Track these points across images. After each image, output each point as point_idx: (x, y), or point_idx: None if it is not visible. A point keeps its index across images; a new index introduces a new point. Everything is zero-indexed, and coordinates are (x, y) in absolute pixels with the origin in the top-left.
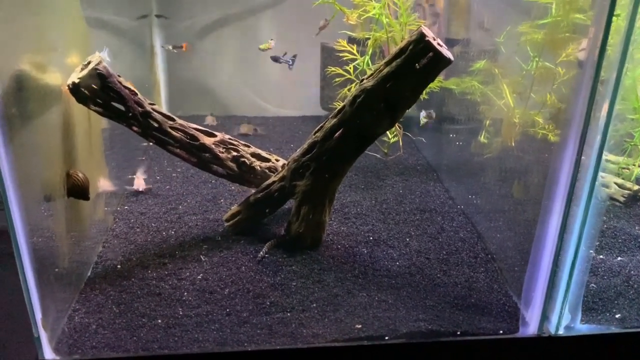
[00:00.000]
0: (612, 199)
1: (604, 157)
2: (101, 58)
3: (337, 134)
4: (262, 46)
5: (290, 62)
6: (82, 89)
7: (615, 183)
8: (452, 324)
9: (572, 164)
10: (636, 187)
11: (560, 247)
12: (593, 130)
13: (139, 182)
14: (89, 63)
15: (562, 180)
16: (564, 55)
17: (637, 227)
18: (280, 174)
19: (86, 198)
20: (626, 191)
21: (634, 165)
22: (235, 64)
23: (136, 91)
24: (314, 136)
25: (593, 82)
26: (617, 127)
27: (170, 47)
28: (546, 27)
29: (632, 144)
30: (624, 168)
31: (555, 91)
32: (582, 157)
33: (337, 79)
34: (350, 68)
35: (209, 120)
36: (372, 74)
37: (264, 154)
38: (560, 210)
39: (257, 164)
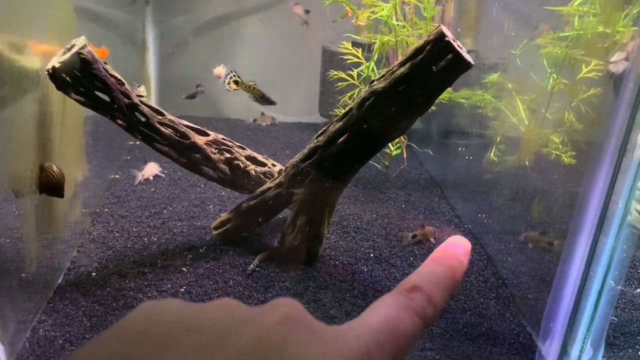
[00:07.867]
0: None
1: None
2: (86, 42)
3: (341, 139)
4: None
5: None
6: (63, 75)
7: (636, 210)
8: (461, 355)
9: (604, 189)
10: None
11: (587, 276)
12: (629, 153)
13: (151, 168)
14: (72, 46)
15: (592, 205)
16: (585, 70)
17: None
18: (277, 180)
19: (61, 195)
20: None
21: None
22: (231, 65)
23: (123, 81)
24: (315, 140)
25: (636, 97)
26: None
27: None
28: (568, 40)
29: None
30: None
31: (574, 109)
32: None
33: (339, 84)
34: (354, 73)
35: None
36: (383, 76)
37: (259, 157)
38: (589, 237)
39: (251, 167)
